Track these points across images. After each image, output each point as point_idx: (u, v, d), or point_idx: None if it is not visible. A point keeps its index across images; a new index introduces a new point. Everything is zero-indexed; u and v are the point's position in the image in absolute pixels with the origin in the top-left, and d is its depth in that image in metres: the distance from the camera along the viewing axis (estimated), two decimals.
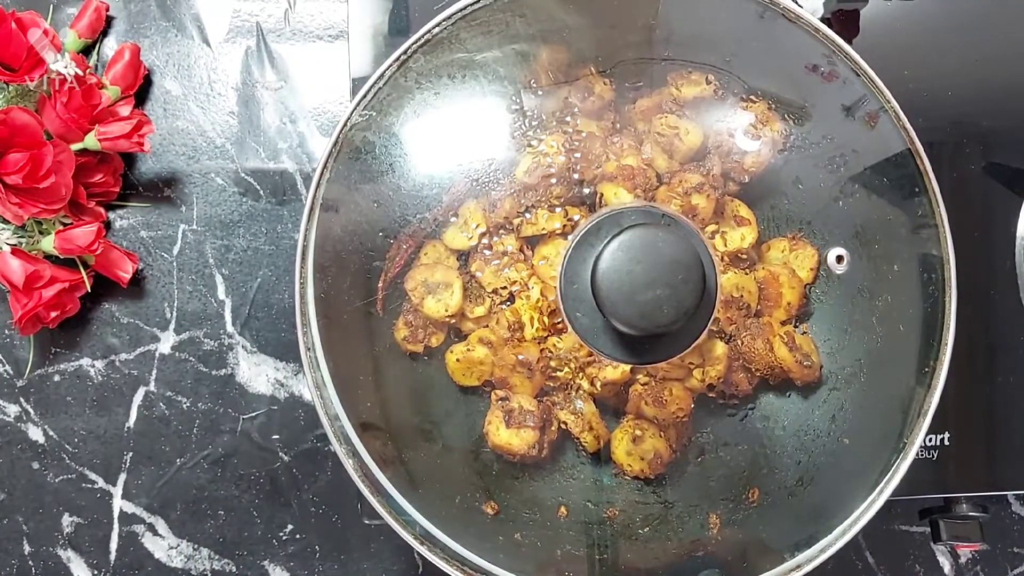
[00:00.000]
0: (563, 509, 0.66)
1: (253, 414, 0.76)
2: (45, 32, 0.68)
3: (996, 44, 0.76)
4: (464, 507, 0.63)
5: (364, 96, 0.60)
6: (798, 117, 0.67)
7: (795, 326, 0.68)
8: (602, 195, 0.65)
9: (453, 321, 0.67)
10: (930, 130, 0.72)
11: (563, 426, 0.66)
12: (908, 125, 0.60)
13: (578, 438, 0.66)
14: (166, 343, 0.76)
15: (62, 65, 0.68)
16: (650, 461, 0.64)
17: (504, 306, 0.68)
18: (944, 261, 0.60)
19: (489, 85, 0.68)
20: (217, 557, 0.76)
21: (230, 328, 0.76)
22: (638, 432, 0.65)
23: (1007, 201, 0.75)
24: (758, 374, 0.68)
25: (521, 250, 0.66)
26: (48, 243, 0.69)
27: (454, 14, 0.59)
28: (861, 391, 0.65)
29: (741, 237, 0.65)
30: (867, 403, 0.64)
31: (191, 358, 0.76)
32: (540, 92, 0.68)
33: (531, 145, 0.67)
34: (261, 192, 0.77)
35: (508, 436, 0.64)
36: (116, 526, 0.75)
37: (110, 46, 0.77)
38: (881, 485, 0.58)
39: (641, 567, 0.63)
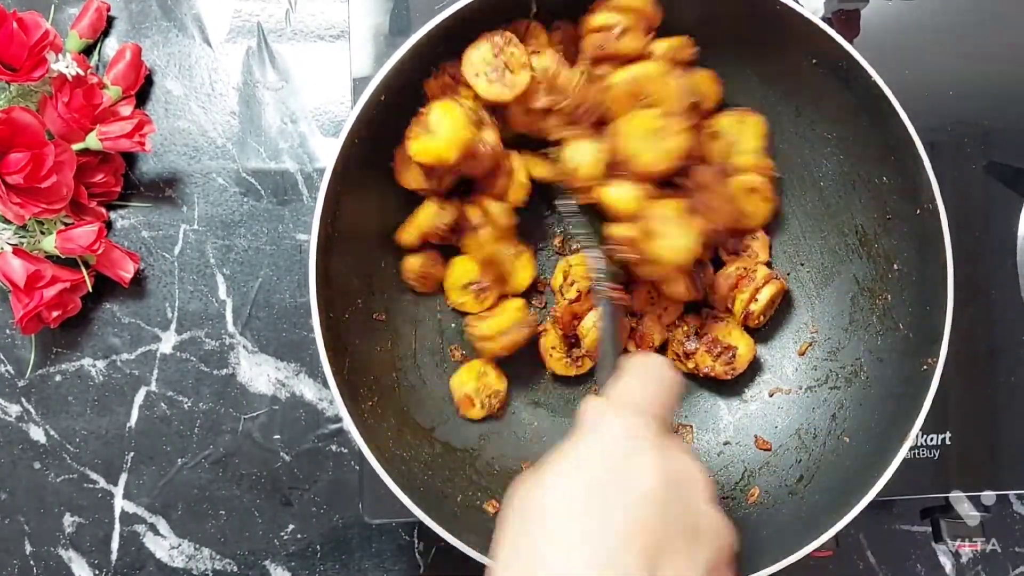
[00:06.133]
0: None
1: (254, 414, 0.76)
2: (46, 33, 0.68)
3: (997, 44, 0.76)
4: (466, 505, 0.63)
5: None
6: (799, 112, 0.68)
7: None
8: None
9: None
10: (931, 129, 0.72)
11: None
12: (909, 124, 0.60)
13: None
14: (167, 343, 0.76)
15: (63, 65, 0.68)
16: None
17: None
18: (944, 260, 0.59)
19: None
20: (218, 557, 0.76)
21: (231, 328, 0.76)
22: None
23: (1008, 200, 0.75)
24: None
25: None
26: (49, 243, 0.69)
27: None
28: (861, 389, 0.65)
29: None
30: (867, 401, 0.64)
31: (192, 358, 0.76)
32: None
33: None
34: (262, 192, 0.77)
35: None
36: (117, 526, 0.75)
37: (111, 46, 0.77)
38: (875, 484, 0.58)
39: None
